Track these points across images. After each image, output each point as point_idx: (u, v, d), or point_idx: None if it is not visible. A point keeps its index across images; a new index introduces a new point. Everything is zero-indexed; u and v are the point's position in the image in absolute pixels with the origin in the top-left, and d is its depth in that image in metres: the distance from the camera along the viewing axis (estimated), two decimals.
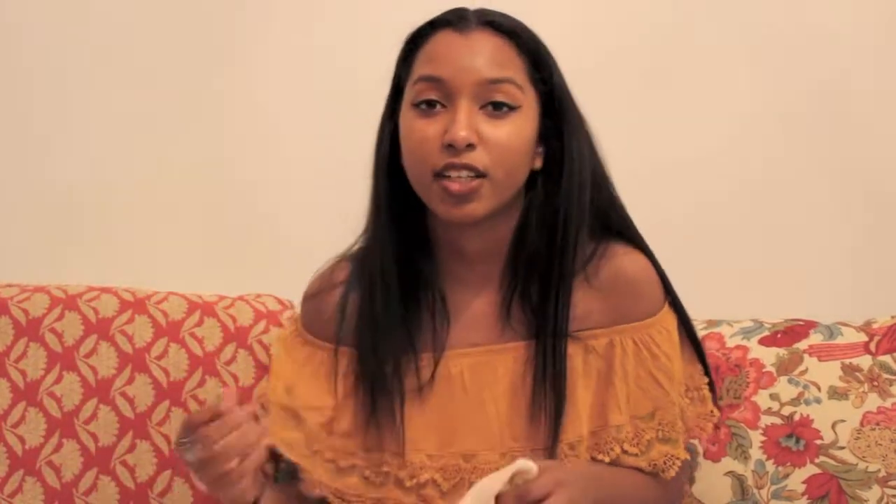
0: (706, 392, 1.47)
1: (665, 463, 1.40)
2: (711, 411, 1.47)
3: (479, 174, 1.32)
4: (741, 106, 2.03)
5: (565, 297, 1.37)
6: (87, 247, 2.12)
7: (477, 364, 1.41)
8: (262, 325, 1.81)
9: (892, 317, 1.70)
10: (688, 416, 1.44)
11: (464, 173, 1.32)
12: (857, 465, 1.58)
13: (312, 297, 1.50)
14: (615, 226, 1.43)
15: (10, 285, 1.87)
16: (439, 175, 1.32)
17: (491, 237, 1.41)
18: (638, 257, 1.42)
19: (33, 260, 2.09)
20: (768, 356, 1.66)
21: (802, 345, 1.67)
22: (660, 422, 1.40)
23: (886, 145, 2.00)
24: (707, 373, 1.48)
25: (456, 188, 1.32)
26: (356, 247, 1.48)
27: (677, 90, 2.05)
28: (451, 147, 1.31)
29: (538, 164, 1.39)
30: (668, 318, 1.43)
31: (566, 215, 1.37)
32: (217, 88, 2.11)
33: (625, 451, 1.38)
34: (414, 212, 1.41)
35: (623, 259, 1.41)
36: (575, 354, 1.38)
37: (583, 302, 1.39)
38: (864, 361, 1.64)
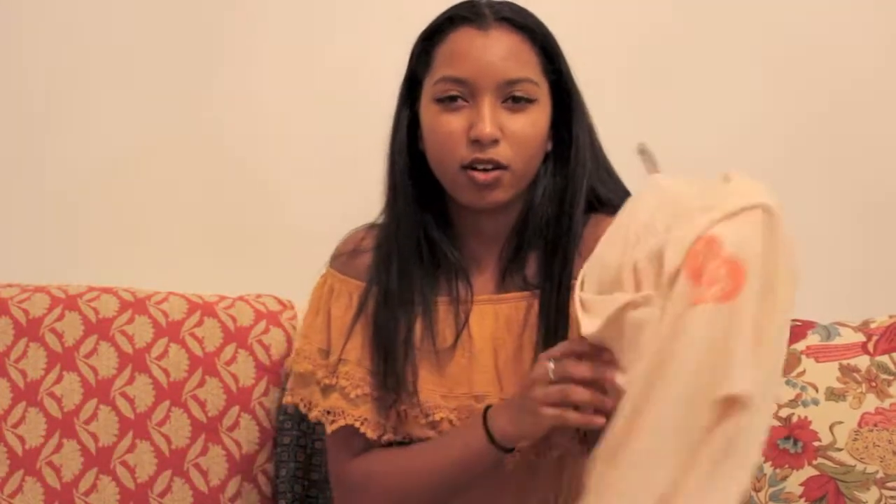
0: None
1: None
2: None
3: (502, 166, 1.39)
4: (744, 107, 2.03)
5: (570, 254, 1.44)
6: (87, 247, 2.12)
7: (480, 311, 1.46)
8: (262, 325, 1.81)
9: (890, 316, 1.70)
10: None
11: (489, 166, 1.39)
12: (855, 466, 1.58)
13: (343, 254, 1.54)
14: (608, 199, 1.48)
15: (10, 285, 1.87)
16: (466, 167, 1.39)
17: (504, 216, 1.48)
18: None
19: (33, 260, 2.08)
20: None
21: (800, 346, 1.67)
22: None
23: (885, 146, 2.00)
24: None
25: (482, 178, 1.39)
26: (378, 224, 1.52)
27: (682, 91, 2.05)
28: (476, 142, 1.38)
29: (549, 147, 1.46)
30: None
31: (572, 192, 1.45)
32: (218, 88, 2.10)
33: None
34: (431, 194, 1.46)
35: (607, 222, 1.44)
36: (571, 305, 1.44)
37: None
38: (862, 362, 1.64)
